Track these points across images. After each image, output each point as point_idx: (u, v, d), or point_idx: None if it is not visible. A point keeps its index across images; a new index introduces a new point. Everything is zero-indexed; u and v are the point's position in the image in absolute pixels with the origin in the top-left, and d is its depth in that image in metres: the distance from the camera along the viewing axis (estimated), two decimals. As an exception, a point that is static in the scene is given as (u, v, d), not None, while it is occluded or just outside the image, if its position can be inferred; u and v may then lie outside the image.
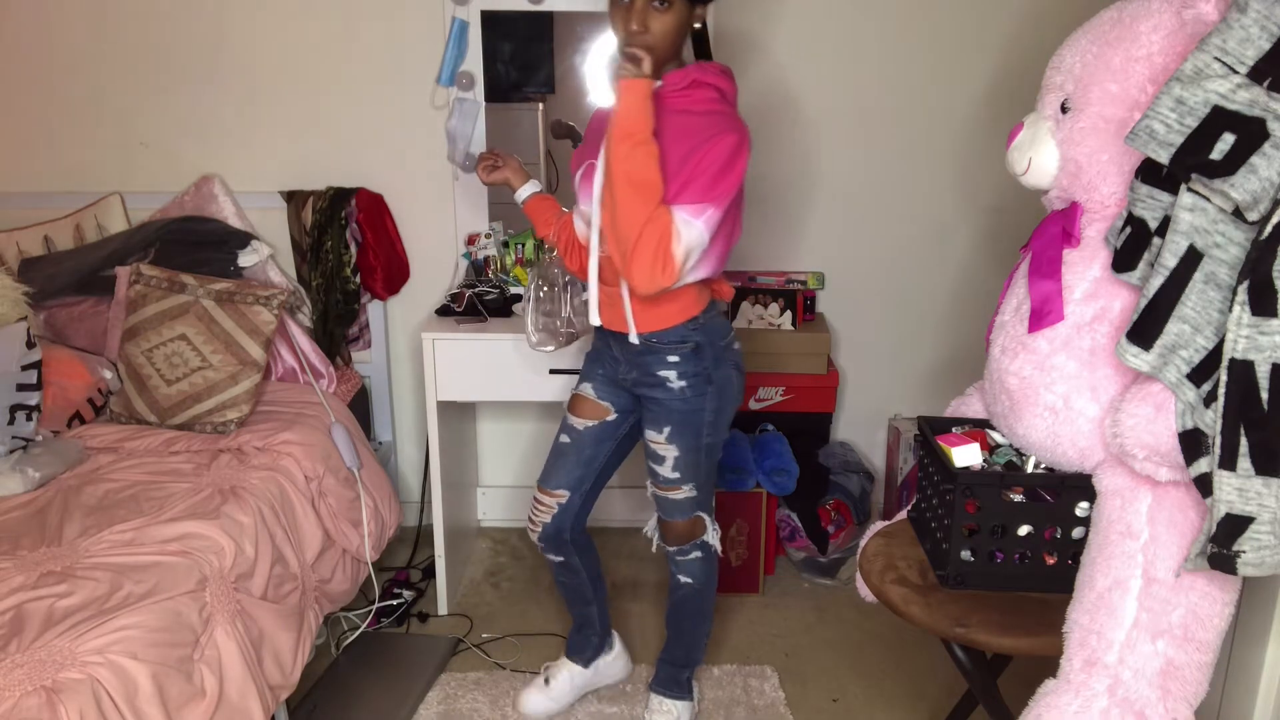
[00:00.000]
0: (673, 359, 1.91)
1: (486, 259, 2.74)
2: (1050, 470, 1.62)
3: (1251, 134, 1.26)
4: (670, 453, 1.98)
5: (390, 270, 2.84)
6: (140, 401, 2.35)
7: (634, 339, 1.90)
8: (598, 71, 2.75)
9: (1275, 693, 1.63)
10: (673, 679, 2.23)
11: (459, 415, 2.79)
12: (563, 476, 2.09)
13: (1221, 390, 1.29)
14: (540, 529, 2.13)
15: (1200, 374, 1.34)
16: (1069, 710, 1.43)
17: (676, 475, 2.00)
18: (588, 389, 2.07)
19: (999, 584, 1.62)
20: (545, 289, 2.14)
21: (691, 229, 1.72)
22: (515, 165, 2.12)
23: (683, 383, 1.92)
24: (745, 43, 2.76)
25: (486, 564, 2.92)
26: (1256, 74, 1.27)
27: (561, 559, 2.17)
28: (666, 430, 1.96)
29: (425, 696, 2.31)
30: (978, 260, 2.93)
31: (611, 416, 2.06)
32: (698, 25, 1.85)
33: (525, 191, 2.10)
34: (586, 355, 2.12)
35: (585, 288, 1.97)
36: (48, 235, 2.76)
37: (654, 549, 2.20)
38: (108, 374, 2.46)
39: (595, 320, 1.93)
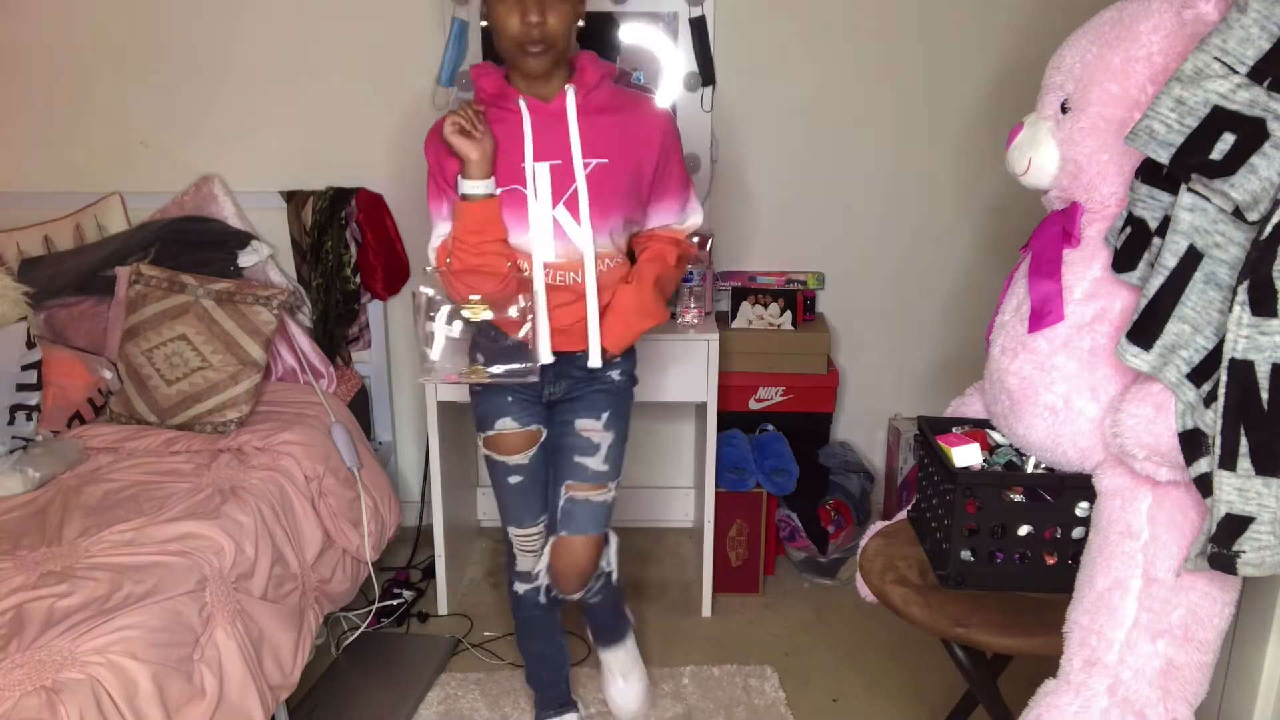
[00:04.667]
0: (618, 361, 1.89)
1: (486, 259, 2.73)
2: (1050, 470, 1.62)
3: (1251, 134, 1.26)
4: (606, 440, 1.89)
5: (390, 270, 2.84)
6: (140, 401, 2.35)
7: (596, 363, 1.81)
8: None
9: (1275, 693, 1.63)
10: (612, 628, 2.16)
11: (459, 415, 2.78)
12: (537, 506, 1.96)
13: (1221, 390, 1.29)
14: (539, 553, 1.98)
15: (1200, 374, 1.34)
16: (1069, 710, 1.43)
17: (606, 468, 1.90)
18: (509, 423, 1.89)
19: (999, 584, 1.62)
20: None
21: (700, 214, 1.94)
22: (492, 145, 1.70)
23: (623, 378, 1.93)
24: (745, 41, 2.76)
25: (486, 564, 2.92)
26: (1256, 74, 1.27)
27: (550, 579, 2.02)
28: (605, 415, 1.89)
29: (425, 696, 2.31)
30: (978, 260, 2.93)
31: (543, 434, 1.93)
32: (580, 23, 1.73)
33: (493, 185, 1.72)
34: (482, 393, 1.91)
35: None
36: (48, 235, 2.76)
37: (544, 599, 1.99)
38: (108, 374, 2.46)
39: (547, 357, 1.79)
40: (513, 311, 1.74)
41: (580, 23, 1.71)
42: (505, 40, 1.66)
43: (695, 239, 2.00)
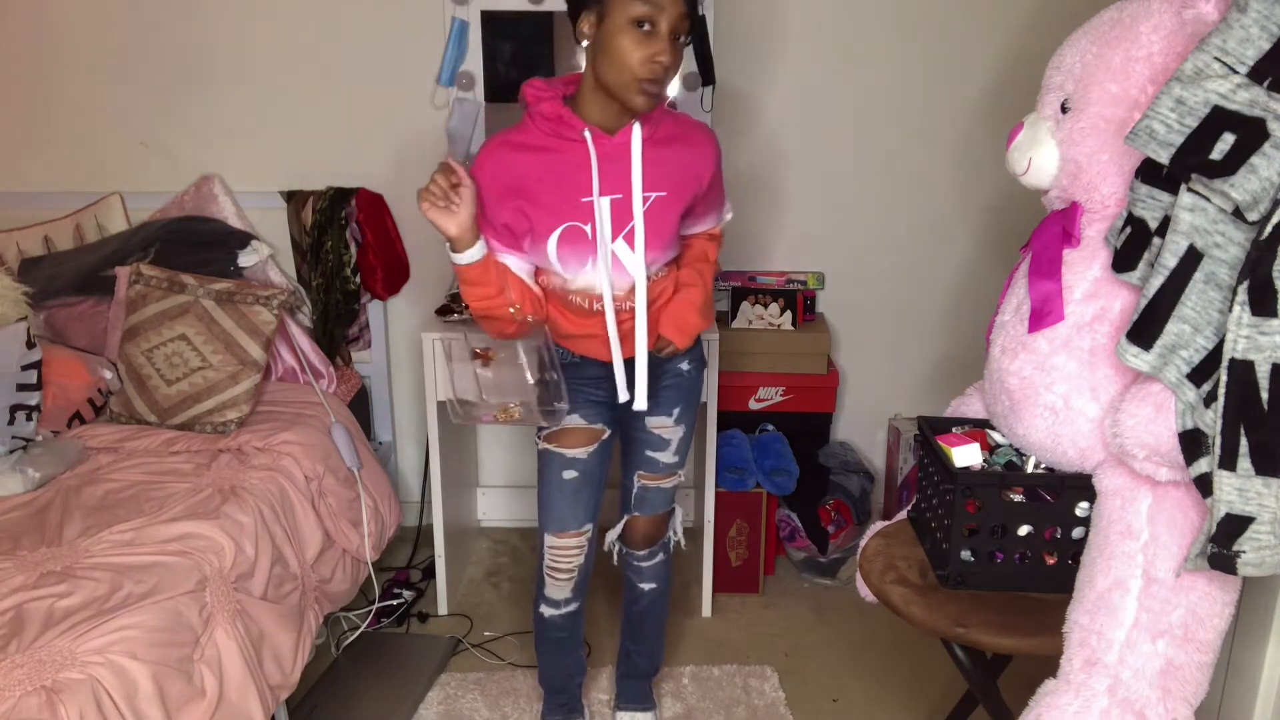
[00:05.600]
0: (684, 350, 1.89)
1: (486, 259, 2.74)
2: (1050, 470, 1.62)
3: (1251, 134, 1.26)
4: (677, 434, 1.93)
5: (390, 270, 2.84)
6: (140, 401, 2.35)
7: (641, 405, 1.84)
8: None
9: (1275, 693, 1.63)
10: (640, 691, 2.22)
11: (459, 415, 2.78)
12: (584, 512, 1.92)
13: (1221, 390, 1.29)
14: (576, 575, 1.96)
15: (1200, 374, 1.34)
16: (1069, 710, 1.43)
17: (676, 459, 1.96)
18: (576, 419, 1.88)
19: (999, 584, 1.62)
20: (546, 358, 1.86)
21: (730, 208, 1.95)
22: (471, 213, 1.61)
23: (692, 367, 1.93)
24: (745, 42, 2.76)
25: (486, 564, 2.92)
26: (1256, 74, 1.27)
27: (578, 605, 2.02)
28: (677, 411, 1.92)
29: (425, 696, 2.31)
30: (978, 260, 2.93)
31: (607, 434, 1.92)
32: None
33: (476, 254, 1.65)
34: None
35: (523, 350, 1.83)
36: (48, 235, 2.76)
37: (616, 560, 2.10)
38: (108, 374, 2.46)
39: (624, 395, 1.82)
40: (525, 362, 1.81)
41: None
42: (622, 72, 1.56)
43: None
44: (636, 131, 1.67)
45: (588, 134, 1.65)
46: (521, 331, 1.79)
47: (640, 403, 1.83)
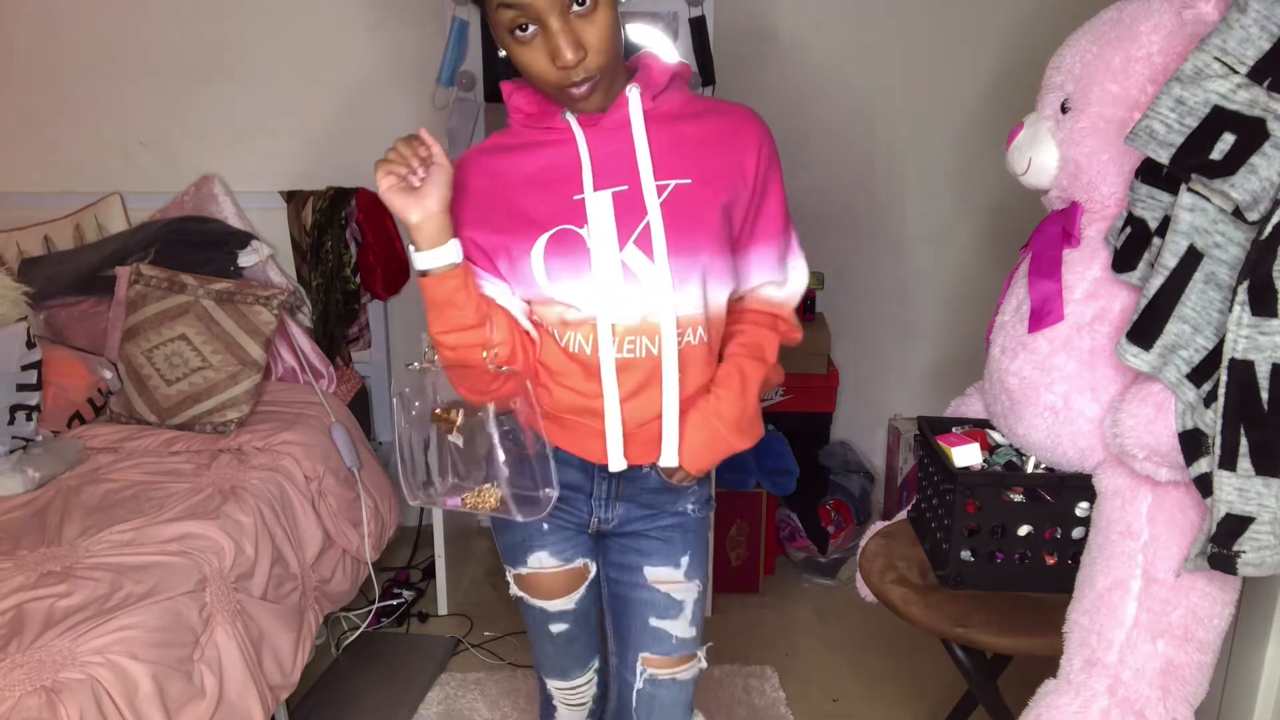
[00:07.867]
0: (690, 486, 1.42)
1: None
2: (1050, 470, 1.62)
3: (1251, 134, 1.26)
4: (691, 595, 1.44)
5: (390, 270, 2.84)
6: (140, 401, 2.35)
7: (671, 460, 1.34)
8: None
9: (1275, 693, 1.63)
10: None
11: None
12: (587, 655, 1.56)
13: (1221, 390, 1.29)
14: (590, 703, 1.60)
15: (1200, 374, 1.34)
16: (1069, 710, 1.43)
17: (694, 633, 1.46)
18: (545, 559, 1.43)
19: (999, 584, 1.62)
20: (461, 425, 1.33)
21: (805, 272, 1.46)
22: (442, 197, 1.19)
23: (698, 508, 1.45)
24: (746, 42, 2.76)
25: (486, 564, 2.92)
26: (1256, 74, 1.27)
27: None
28: (686, 559, 1.42)
29: (425, 696, 2.31)
30: (978, 260, 2.93)
31: (592, 571, 1.48)
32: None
33: (444, 256, 1.24)
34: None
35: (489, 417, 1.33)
36: (48, 235, 2.76)
37: None
38: (108, 374, 2.46)
39: (620, 464, 1.32)
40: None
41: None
42: (540, 85, 1.22)
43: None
44: (634, 97, 1.26)
45: (570, 117, 1.27)
46: (502, 394, 1.32)
47: (669, 457, 1.33)
